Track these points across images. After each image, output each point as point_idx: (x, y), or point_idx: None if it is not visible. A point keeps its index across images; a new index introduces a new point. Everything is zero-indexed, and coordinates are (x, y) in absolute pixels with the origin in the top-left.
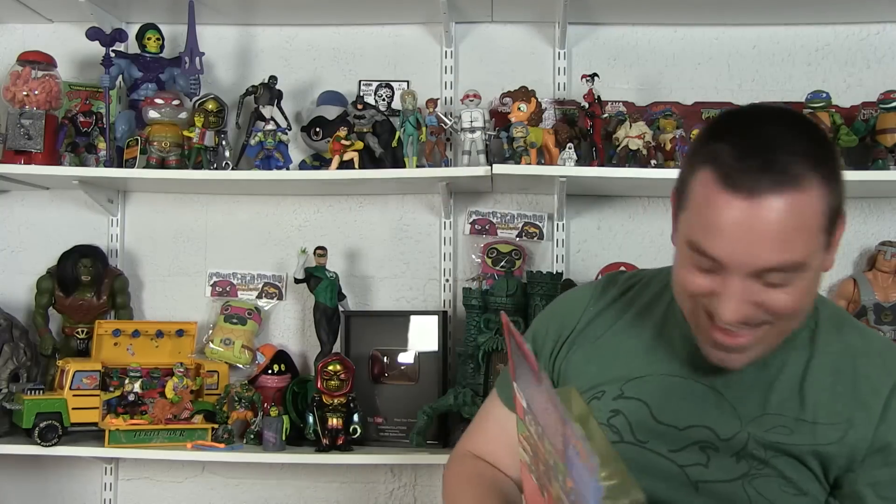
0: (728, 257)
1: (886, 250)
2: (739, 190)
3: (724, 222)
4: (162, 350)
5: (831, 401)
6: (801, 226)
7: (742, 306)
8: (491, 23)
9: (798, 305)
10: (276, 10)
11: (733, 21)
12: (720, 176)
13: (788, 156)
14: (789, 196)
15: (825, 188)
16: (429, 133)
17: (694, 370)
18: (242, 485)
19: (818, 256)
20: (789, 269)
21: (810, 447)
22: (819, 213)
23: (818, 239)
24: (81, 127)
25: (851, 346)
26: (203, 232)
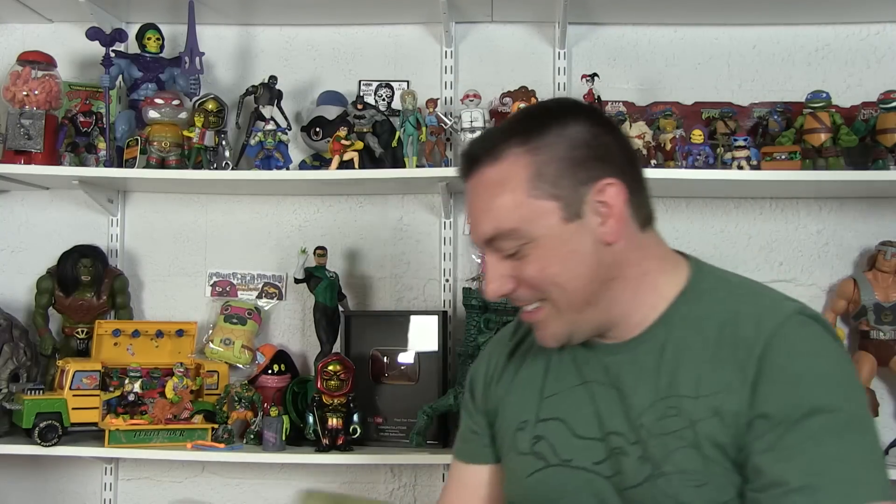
0: (472, 234)
1: (886, 250)
2: (464, 175)
3: (466, 205)
4: (162, 350)
5: (712, 371)
6: (501, 194)
7: (497, 281)
8: (491, 23)
9: (547, 274)
10: (276, 10)
11: (733, 21)
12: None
13: (489, 135)
14: (487, 169)
15: (527, 156)
16: (429, 133)
17: (592, 371)
18: (242, 485)
19: (545, 223)
20: (507, 237)
21: (697, 426)
22: (522, 179)
23: (531, 205)
24: (81, 127)
25: (731, 310)
26: (203, 232)
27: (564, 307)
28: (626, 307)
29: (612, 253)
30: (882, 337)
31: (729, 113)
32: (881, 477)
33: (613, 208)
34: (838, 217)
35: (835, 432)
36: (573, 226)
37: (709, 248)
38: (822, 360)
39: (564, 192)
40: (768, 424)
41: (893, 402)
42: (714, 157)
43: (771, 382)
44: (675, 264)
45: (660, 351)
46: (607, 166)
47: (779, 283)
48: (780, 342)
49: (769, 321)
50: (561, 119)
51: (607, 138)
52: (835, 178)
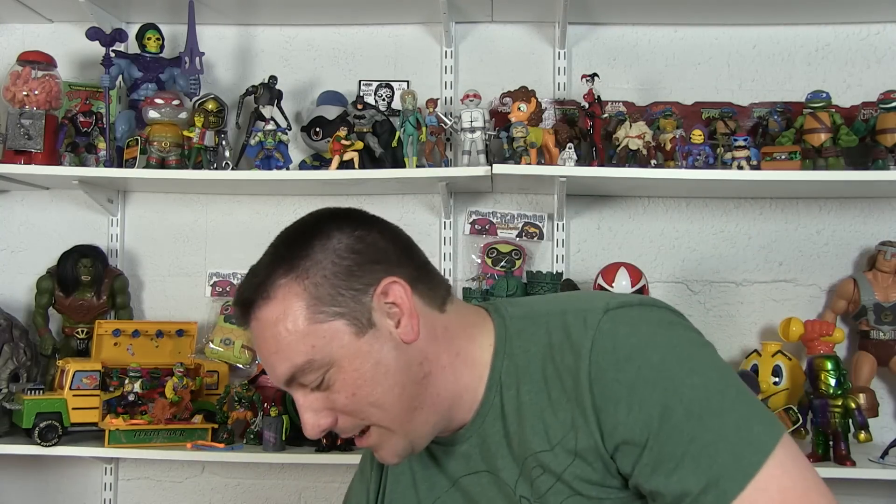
0: (271, 381)
1: (886, 250)
2: (241, 322)
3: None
4: (162, 350)
5: (554, 414)
6: (284, 331)
7: (313, 418)
8: (491, 23)
9: (360, 397)
10: (276, 10)
11: (733, 21)
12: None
13: (254, 274)
14: (262, 311)
15: (297, 284)
16: (429, 133)
17: (456, 468)
18: (242, 485)
19: (338, 345)
20: (306, 371)
21: (566, 476)
22: (300, 309)
23: (317, 332)
24: (81, 127)
25: (545, 343)
26: (203, 232)
27: (391, 424)
28: (454, 395)
29: (417, 350)
30: (882, 337)
31: (729, 113)
32: (765, 425)
33: (402, 306)
34: (838, 217)
35: (699, 417)
36: (368, 337)
37: (709, 248)
38: (647, 352)
39: (347, 307)
40: (635, 448)
41: (893, 402)
42: (714, 157)
43: (612, 404)
44: (481, 326)
45: (501, 417)
46: (382, 266)
47: (779, 283)
48: (600, 355)
49: (581, 340)
50: (321, 233)
51: (374, 237)
52: (835, 178)
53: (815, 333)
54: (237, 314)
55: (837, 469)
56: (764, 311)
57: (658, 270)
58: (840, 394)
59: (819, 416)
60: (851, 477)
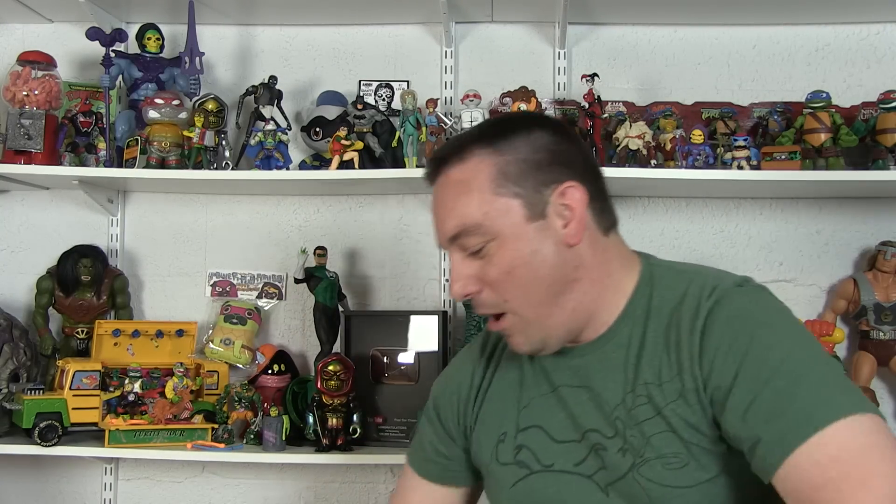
0: (436, 235)
1: (886, 250)
2: (430, 179)
3: (431, 209)
4: (162, 350)
5: (666, 356)
6: (466, 192)
7: (462, 281)
8: (491, 23)
9: (511, 276)
10: (276, 10)
11: (733, 21)
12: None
13: (456, 139)
14: (453, 169)
15: (491, 157)
16: (429, 133)
17: (562, 376)
18: (242, 485)
19: (508, 221)
20: (471, 233)
21: (667, 411)
22: (486, 177)
23: (494, 202)
24: (81, 127)
25: (678, 294)
26: (203, 232)
27: (530, 312)
28: (593, 309)
29: (575, 255)
30: (882, 337)
31: (729, 113)
32: (852, 397)
33: (575, 211)
34: (838, 217)
35: (790, 374)
36: (536, 226)
37: (709, 248)
38: (759, 316)
39: (527, 192)
40: (727, 390)
41: (893, 402)
42: (714, 157)
43: (713, 350)
44: (633, 263)
45: (626, 346)
46: (569, 171)
47: (779, 283)
48: (717, 312)
49: (709, 296)
50: (526, 126)
51: (570, 146)
52: (835, 178)
53: (815, 333)
54: (428, 170)
55: None
56: None
57: None
58: None
59: None
60: None
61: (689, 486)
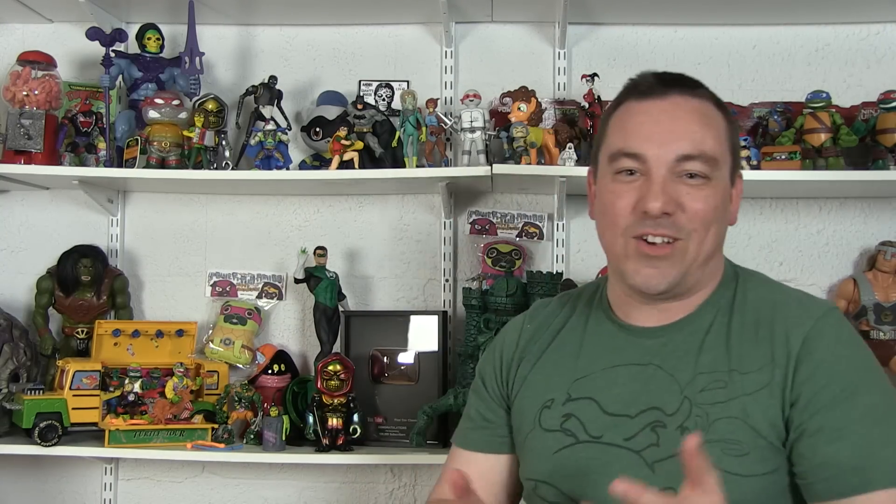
0: (649, 147)
1: (886, 250)
2: (652, 94)
3: (642, 119)
4: (162, 350)
5: (755, 348)
6: (710, 124)
7: (663, 198)
8: (491, 23)
9: (709, 213)
10: (276, 10)
11: (733, 21)
12: (634, 95)
13: (695, 83)
14: (697, 101)
15: (720, 112)
16: (429, 133)
17: (629, 354)
18: (242, 485)
19: (724, 169)
20: (705, 160)
21: (743, 398)
22: (722, 125)
23: (724, 147)
24: (81, 127)
25: (770, 299)
26: (203, 232)
27: (693, 253)
28: (703, 281)
29: (726, 229)
30: (882, 337)
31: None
32: None
33: (739, 196)
34: (838, 217)
35: (878, 415)
36: (727, 187)
37: None
38: (859, 351)
39: (733, 159)
40: (814, 405)
41: None
42: None
43: (816, 362)
44: (721, 254)
45: (703, 332)
46: (740, 164)
47: None
48: (823, 327)
49: (813, 309)
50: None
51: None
52: (835, 178)
53: None
54: (651, 82)
55: None
56: None
57: None
58: None
59: None
60: None
61: (743, 476)
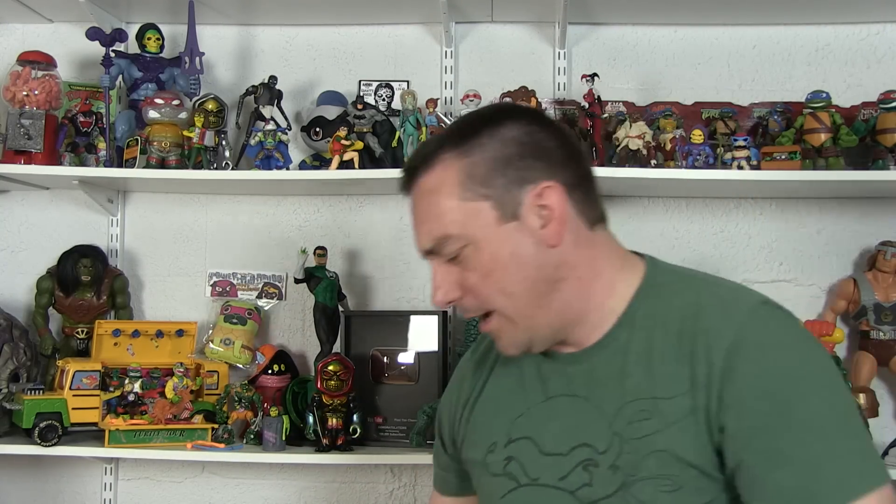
0: (416, 245)
1: (886, 250)
2: (405, 190)
3: (410, 219)
4: (162, 350)
5: (678, 368)
6: (436, 200)
7: (443, 288)
8: (491, 23)
9: (490, 280)
10: (276, 10)
11: (733, 21)
12: (403, 192)
13: (424, 146)
14: (422, 178)
15: (458, 160)
16: (429, 133)
17: (558, 385)
18: (242, 485)
19: (480, 224)
20: (446, 241)
21: (670, 429)
22: (454, 182)
23: (464, 207)
24: (81, 127)
25: (694, 303)
26: (203, 232)
27: (514, 314)
28: (581, 309)
29: (558, 254)
30: (882, 337)
31: (729, 113)
32: (876, 462)
33: (554, 211)
34: (838, 217)
35: (818, 428)
36: (510, 227)
37: (709, 248)
38: (793, 353)
39: (497, 192)
40: (750, 429)
41: (893, 402)
42: (714, 157)
43: (742, 380)
44: (630, 262)
45: (623, 353)
46: (544, 166)
47: (779, 283)
48: (746, 335)
49: (735, 312)
50: (495, 121)
51: (544, 136)
52: (835, 178)
53: (815, 333)
54: (401, 182)
55: None
56: None
57: None
58: None
59: None
60: None
61: None
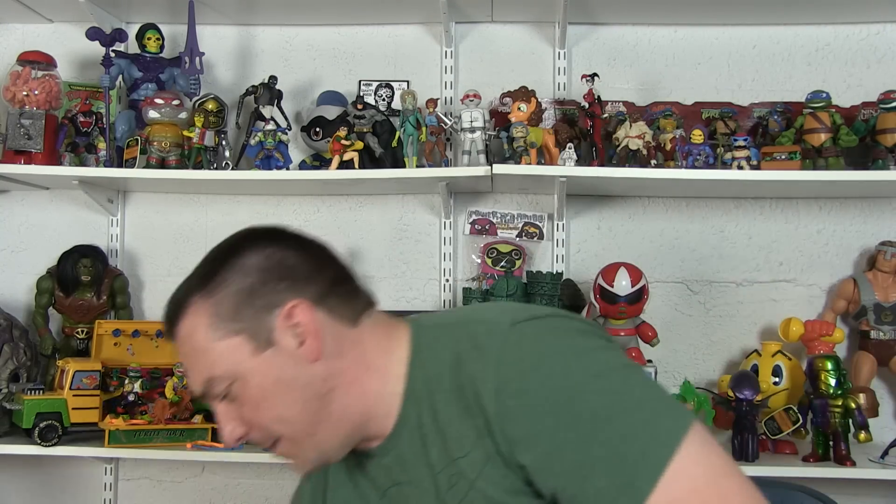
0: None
1: (886, 250)
2: (167, 338)
3: None
4: (162, 350)
5: (463, 423)
6: (192, 345)
7: (229, 426)
8: (491, 23)
9: (263, 412)
10: (276, 10)
11: (733, 21)
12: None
13: (175, 294)
14: (179, 327)
15: (205, 302)
16: (429, 133)
17: (382, 482)
18: (242, 485)
19: (237, 360)
20: (212, 384)
21: (477, 483)
22: (204, 326)
23: (218, 348)
24: (81, 127)
25: (455, 352)
26: (203, 232)
27: (296, 436)
28: (364, 407)
29: (322, 367)
30: (882, 337)
31: (729, 113)
32: (672, 418)
33: (308, 327)
34: (838, 217)
35: (606, 420)
36: (268, 354)
37: (708, 248)
38: (554, 362)
39: (248, 324)
40: (545, 456)
41: (893, 402)
42: (714, 157)
43: (518, 413)
44: (396, 337)
45: (419, 428)
46: (289, 286)
47: (779, 283)
48: (507, 369)
49: (488, 349)
50: (234, 253)
51: (284, 255)
52: (835, 178)
53: (815, 333)
54: (164, 332)
55: (837, 469)
56: (764, 311)
57: (658, 270)
58: (840, 394)
59: (819, 416)
60: (851, 477)
61: None
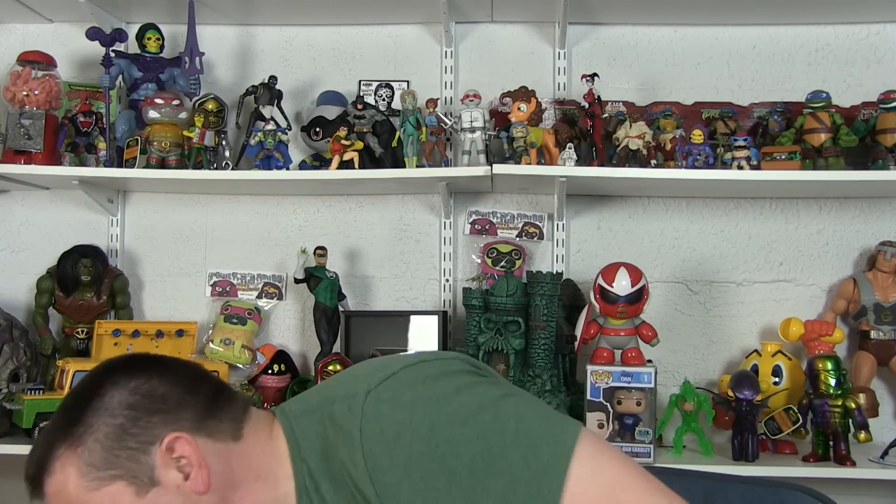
0: None
1: (886, 250)
2: (31, 497)
3: None
4: (162, 350)
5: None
6: (70, 501)
7: None
8: (491, 23)
9: None
10: (276, 10)
11: (733, 21)
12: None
13: (37, 448)
14: (47, 485)
15: (72, 453)
16: (429, 133)
17: None
18: None
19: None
20: None
21: None
22: (76, 479)
23: (97, 499)
24: (81, 127)
25: (324, 437)
26: (203, 232)
27: None
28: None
29: (213, 495)
30: (882, 337)
31: (729, 113)
32: (552, 443)
33: (191, 459)
34: (838, 217)
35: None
36: (153, 494)
37: (709, 248)
38: (417, 423)
39: (124, 469)
40: None
41: (893, 402)
42: (714, 157)
43: (396, 489)
44: (274, 437)
45: None
46: (163, 418)
47: (779, 283)
48: (373, 446)
49: (349, 430)
50: (95, 393)
51: (150, 385)
52: (835, 178)
53: (815, 333)
54: (29, 493)
55: (837, 469)
56: (764, 311)
57: (658, 270)
58: (840, 394)
59: (819, 416)
60: (851, 477)
61: None
